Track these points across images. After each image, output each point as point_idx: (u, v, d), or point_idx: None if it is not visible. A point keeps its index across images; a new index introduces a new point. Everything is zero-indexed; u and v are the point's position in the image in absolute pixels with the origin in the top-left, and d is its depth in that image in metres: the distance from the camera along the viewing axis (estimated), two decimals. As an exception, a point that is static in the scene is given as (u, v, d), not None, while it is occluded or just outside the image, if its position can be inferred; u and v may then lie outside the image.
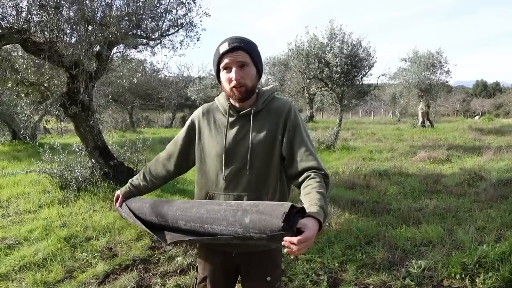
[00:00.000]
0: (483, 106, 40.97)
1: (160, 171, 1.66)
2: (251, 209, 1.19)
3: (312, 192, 1.26)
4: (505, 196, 5.00)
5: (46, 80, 5.43)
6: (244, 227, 1.18)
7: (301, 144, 1.41)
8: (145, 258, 3.31)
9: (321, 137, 10.64)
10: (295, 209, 1.13)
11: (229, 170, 1.45)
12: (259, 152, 1.43)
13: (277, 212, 1.11)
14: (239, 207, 1.23)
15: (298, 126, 1.44)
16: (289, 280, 2.90)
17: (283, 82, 18.93)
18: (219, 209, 1.28)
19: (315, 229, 1.09)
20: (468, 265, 2.99)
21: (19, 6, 3.93)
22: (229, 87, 1.39)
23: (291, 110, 1.46)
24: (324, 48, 9.79)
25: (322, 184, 1.30)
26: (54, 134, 16.94)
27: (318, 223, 1.12)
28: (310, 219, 1.11)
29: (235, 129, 1.47)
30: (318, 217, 1.13)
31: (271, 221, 1.11)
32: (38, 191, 5.47)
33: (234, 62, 1.36)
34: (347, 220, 4.22)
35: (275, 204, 1.17)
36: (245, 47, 1.37)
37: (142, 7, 4.85)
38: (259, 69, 1.44)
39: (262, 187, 1.44)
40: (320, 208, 1.17)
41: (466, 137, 12.51)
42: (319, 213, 1.15)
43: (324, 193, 1.26)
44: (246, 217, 1.18)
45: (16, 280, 2.92)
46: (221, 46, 1.39)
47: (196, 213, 1.35)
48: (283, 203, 1.15)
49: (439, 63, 15.99)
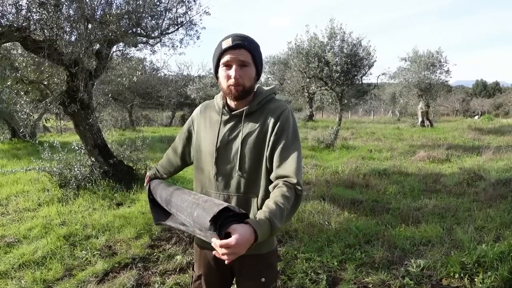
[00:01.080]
0: (482, 106, 41.00)
1: (173, 161, 1.76)
2: (202, 204, 1.21)
3: (270, 201, 1.21)
4: (504, 196, 5.00)
5: (45, 78, 5.42)
6: (193, 220, 1.21)
7: (283, 150, 1.35)
8: (144, 257, 3.31)
9: (320, 136, 10.64)
10: (231, 213, 1.09)
11: (219, 169, 1.45)
12: (248, 153, 1.41)
13: (211, 212, 1.10)
14: (197, 201, 1.26)
15: (286, 131, 1.38)
16: (288, 279, 2.90)
17: (283, 81, 18.93)
18: (186, 199, 1.34)
19: (244, 237, 1.04)
20: (467, 265, 2.99)
21: (19, 4, 3.94)
22: (226, 84, 1.37)
23: (284, 113, 1.40)
24: (324, 47, 9.79)
25: (286, 195, 1.22)
26: (54, 132, 16.91)
27: (253, 232, 1.06)
28: (244, 226, 1.06)
29: (227, 129, 1.46)
30: (255, 227, 1.07)
31: (204, 218, 1.11)
32: (38, 189, 5.47)
33: (236, 60, 1.34)
34: (347, 219, 4.23)
35: (216, 203, 1.16)
36: (248, 46, 1.35)
37: (142, 6, 4.84)
38: (259, 70, 1.42)
39: (252, 189, 1.42)
40: (265, 220, 1.12)
41: (466, 137, 12.52)
42: (260, 224, 1.10)
43: (283, 204, 1.19)
44: (195, 211, 1.21)
45: (16, 278, 2.93)
46: (224, 41, 1.36)
47: (175, 200, 1.44)
48: (221, 204, 1.13)
49: (439, 62, 15.99)
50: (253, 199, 1.42)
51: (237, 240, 1.02)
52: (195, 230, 1.21)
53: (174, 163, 1.75)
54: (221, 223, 1.07)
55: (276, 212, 1.16)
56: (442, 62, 16.00)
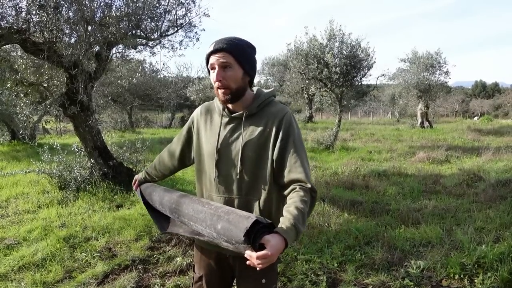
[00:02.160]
0: (482, 107, 41.04)
1: (168, 164, 1.74)
2: (224, 216, 1.24)
3: (291, 206, 1.26)
4: (504, 197, 5.00)
5: (45, 80, 5.43)
6: (217, 232, 1.24)
7: (293, 155, 1.38)
8: (144, 258, 3.31)
9: (320, 137, 10.64)
10: (260, 225, 1.14)
11: (220, 171, 1.45)
12: (249, 156, 1.41)
13: (241, 225, 1.14)
14: (216, 212, 1.28)
15: (291, 135, 1.40)
16: (288, 281, 2.90)
17: (283, 83, 18.95)
18: (202, 210, 1.34)
19: (278, 247, 1.11)
20: (467, 266, 3.00)
21: (18, 6, 3.94)
22: (215, 87, 1.41)
23: (286, 117, 1.42)
24: (324, 48, 9.79)
25: (304, 199, 1.29)
26: (53, 134, 16.91)
27: (283, 241, 1.13)
28: (275, 236, 1.13)
29: (228, 131, 1.46)
30: (285, 236, 1.14)
31: (236, 232, 1.15)
32: (37, 191, 5.47)
33: (217, 63, 1.37)
34: (346, 220, 4.23)
35: (243, 216, 1.19)
36: (228, 49, 1.36)
37: (142, 8, 4.85)
38: (247, 71, 1.41)
39: (253, 192, 1.42)
40: (291, 226, 1.18)
41: (465, 138, 12.53)
42: (288, 232, 1.16)
43: (303, 208, 1.25)
44: (218, 223, 1.23)
45: (16, 280, 2.92)
46: (209, 47, 1.40)
47: (185, 209, 1.43)
48: (249, 216, 1.17)
49: (438, 63, 16.00)
50: (254, 201, 1.42)
51: (273, 251, 1.09)
52: (221, 242, 1.23)
53: (170, 165, 1.74)
54: (254, 236, 1.13)
55: (299, 217, 1.22)
56: (441, 63, 16.01)
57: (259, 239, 1.11)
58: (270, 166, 1.41)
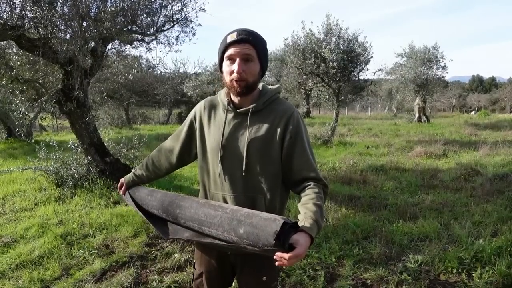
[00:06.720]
0: (479, 101, 41.18)
1: (163, 163, 1.67)
2: (245, 220, 1.21)
3: (309, 203, 1.27)
4: (501, 191, 5.02)
5: (41, 77, 5.39)
6: (238, 237, 1.21)
7: (302, 153, 1.38)
8: (142, 255, 3.30)
9: (317, 132, 10.64)
10: (287, 226, 1.15)
11: (225, 168, 1.41)
12: (255, 153, 1.38)
13: (269, 229, 1.13)
14: (234, 216, 1.25)
15: (299, 133, 1.40)
16: (287, 276, 2.90)
17: (280, 78, 18.89)
18: (216, 214, 1.30)
19: (306, 245, 1.13)
20: (464, 260, 3.00)
21: (12, 2, 3.90)
22: (229, 79, 1.34)
23: (294, 116, 1.41)
24: (321, 43, 9.76)
25: (320, 195, 1.31)
26: (50, 131, 16.83)
27: (310, 238, 1.15)
28: (302, 235, 1.14)
29: (233, 127, 1.42)
30: (310, 233, 1.16)
31: (264, 236, 1.14)
32: (34, 188, 5.45)
33: (239, 54, 1.31)
34: (344, 215, 4.23)
35: (268, 218, 1.17)
36: (253, 41, 1.32)
37: (137, 3, 4.81)
38: (263, 67, 1.39)
39: (259, 190, 1.39)
40: (314, 222, 1.20)
41: (462, 132, 12.56)
42: (312, 228, 1.18)
43: (321, 205, 1.28)
44: (240, 228, 1.21)
45: (13, 278, 2.91)
46: (229, 35, 1.34)
47: (195, 214, 1.38)
48: (276, 219, 1.16)
49: (435, 58, 16.02)
50: (259, 198, 1.40)
51: (303, 250, 1.11)
52: (245, 246, 1.20)
53: (167, 164, 1.66)
54: (284, 238, 1.13)
55: (318, 213, 1.24)
56: (439, 57, 16.05)
57: (288, 240, 1.13)
58: (275, 163, 1.40)
